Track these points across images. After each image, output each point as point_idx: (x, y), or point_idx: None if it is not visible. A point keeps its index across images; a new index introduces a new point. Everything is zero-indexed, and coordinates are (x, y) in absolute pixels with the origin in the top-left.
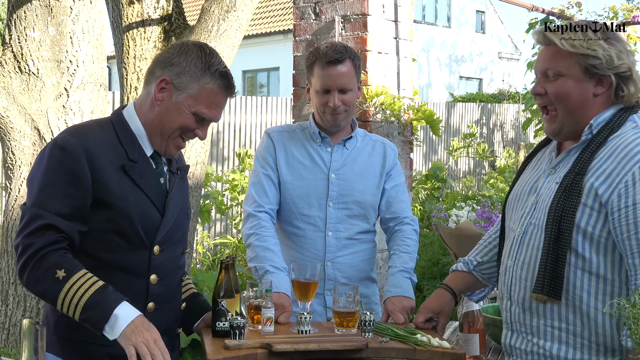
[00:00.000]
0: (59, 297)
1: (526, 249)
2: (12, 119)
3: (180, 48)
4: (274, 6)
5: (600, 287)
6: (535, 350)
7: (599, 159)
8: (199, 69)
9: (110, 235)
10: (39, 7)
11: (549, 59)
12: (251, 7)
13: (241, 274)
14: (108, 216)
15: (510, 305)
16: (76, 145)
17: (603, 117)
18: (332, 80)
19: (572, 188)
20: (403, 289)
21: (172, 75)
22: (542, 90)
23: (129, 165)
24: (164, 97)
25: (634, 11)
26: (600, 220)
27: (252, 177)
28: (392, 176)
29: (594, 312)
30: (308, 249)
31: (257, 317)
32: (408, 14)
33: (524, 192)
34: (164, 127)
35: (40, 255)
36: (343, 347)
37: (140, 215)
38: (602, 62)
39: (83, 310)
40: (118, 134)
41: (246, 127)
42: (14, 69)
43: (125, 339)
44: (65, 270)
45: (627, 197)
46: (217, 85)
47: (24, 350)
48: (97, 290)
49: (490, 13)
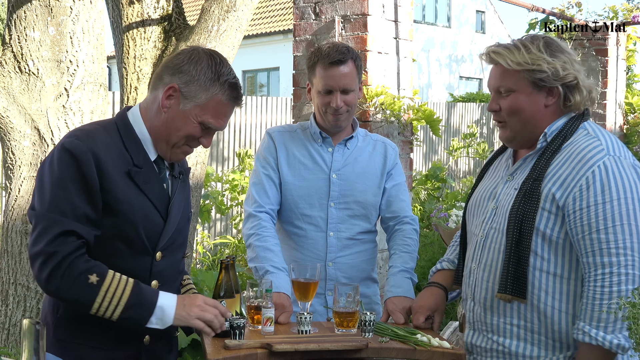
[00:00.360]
0: (96, 302)
1: (488, 251)
2: (12, 119)
3: (190, 55)
4: (274, 6)
5: (558, 286)
6: (495, 347)
7: (554, 165)
8: (209, 79)
9: (113, 241)
10: (39, 7)
11: (499, 77)
12: (251, 7)
13: (241, 274)
14: (113, 222)
15: (473, 306)
16: (85, 149)
17: (556, 126)
18: (334, 81)
19: (531, 194)
20: (404, 289)
21: (181, 84)
22: (497, 107)
23: (134, 170)
24: (171, 104)
25: (634, 11)
26: (558, 223)
27: (253, 177)
28: (393, 175)
29: (551, 310)
30: (309, 249)
31: (257, 317)
32: (408, 14)
33: (484, 198)
34: (170, 135)
35: (69, 263)
36: (343, 347)
37: (144, 222)
38: (549, 75)
39: (124, 310)
40: (123, 138)
41: (246, 127)
42: (14, 69)
43: (182, 321)
44: (97, 274)
45: (582, 200)
46: (226, 97)
47: (24, 350)
48: (134, 289)
49: (490, 13)
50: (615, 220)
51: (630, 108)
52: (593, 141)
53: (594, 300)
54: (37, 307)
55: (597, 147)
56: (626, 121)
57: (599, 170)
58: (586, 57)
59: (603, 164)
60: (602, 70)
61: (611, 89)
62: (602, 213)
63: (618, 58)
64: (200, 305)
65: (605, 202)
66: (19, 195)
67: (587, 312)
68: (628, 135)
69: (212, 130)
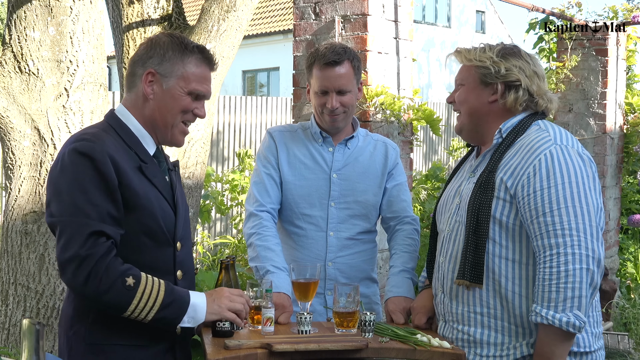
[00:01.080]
0: (132, 304)
1: (452, 243)
2: (12, 119)
3: (150, 42)
4: (274, 6)
5: (517, 272)
6: (460, 337)
7: (507, 157)
8: (177, 51)
9: (138, 237)
10: (39, 7)
11: (458, 73)
12: (251, 7)
13: (241, 274)
14: (135, 217)
15: (443, 298)
16: (100, 149)
17: (511, 123)
18: (329, 81)
19: (486, 184)
20: (404, 289)
21: (155, 66)
22: (452, 99)
23: (144, 166)
24: (155, 88)
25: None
26: (513, 211)
27: (254, 176)
28: (394, 175)
29: (512, 295)
30: (309, 248)
31: (257, 317)
32: (408, 14)
33: (450, 196)
34: (166, 117)
35: (106, 266)
36: (343, 347)
37: (162, 214)
38: (492, 72)
39: (159, 311)
40: (123, 137)
41: (246, 127)
42: (14, 69)
43: (215, 315)
44: (133, 276)
45: (529, 186)
46: (200, 60)
47: (24, 350)
48: (167, 289)
49: (491, 13)
50: (560, 203)
51: (630, 108)
52: (542, 133)
53: (544, 282)
54: (37, 307)
55: (545, 138)
56: (626, 121)
57: (544, 157)
58: (586, 57)
59: (549, 152)
60: (602, 70)
61: (611, 89)
62: (547, 197)
63: (618, 58)
64: (229, 296)
65: (550, 187)
66: (19, 195)
67: (539, 294)
68: (628, 135)
69: (201, 98)
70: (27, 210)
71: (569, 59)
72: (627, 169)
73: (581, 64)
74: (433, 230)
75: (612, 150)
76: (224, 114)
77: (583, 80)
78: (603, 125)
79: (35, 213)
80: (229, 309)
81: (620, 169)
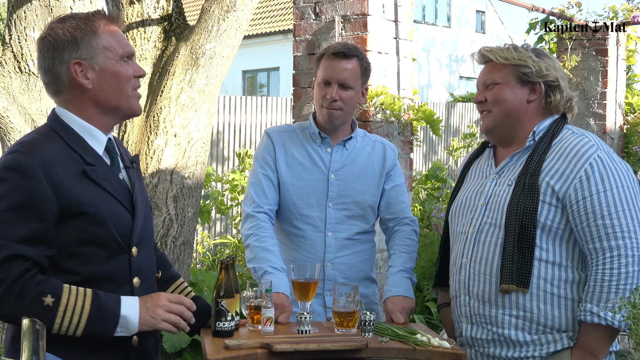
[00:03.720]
0: (55, 323)
1: (483, 245)
2: (12, 119)
3: (48, 39)
4: (274, 6)
5: (557, 274)
6: (495, 338)
7: (549, 160)
8: (81, 28)
9: (86, 247)
10: (39, 7)
11: (488, 72)
12: (251, 7)
13: (241, 274)
14: (80, 227)
15: (468, 300)
16: (30, 163)
17: (543, 126)
18: (334, 72)
19: (530, 188)
20: (403, 289)
21: (75, 55)
22: (482, 98)
23: (89, 169)
24: (90, 75)
25: (634, 11)
26: (559, 214)
27: (252, 177)
28: (392, 177)
29: (550, 297)
30: (308, 249)
31: (257, 317)
32: (408, 14)
33: (470, 198)
34: (117, 94)
35: (19, 288)
36: (343, 347)
37: (113, 219)
38: (533, 71)
39: (87, 327)
40: (66, 140)
41: (246, 127)
42: (14, 69)
43: (148, 326)
44: (52, 294)
45: (583, 190)
46: (106, 22)
47: (24, 350)
48: (93, 303)
49: (491, 13)
50: (617, 206)
51: (630, 108)
52: (582, 138)
53: (603, 282)
54: None
55: (588, 143)
56: (626, 121)
57: (595, 162)
58: (586, 57)
59: (598, 156)
60: (602, 70)
61: (611, 89)
62: (604, 200)
63: (618, 58)
64: (165, 304)
65: (606, 190)
66: None
67: (594, 294)
68: (628, 135)
69: (132, 58)
70: None
71: (569, 59)
72: None
73: (581, 64)
74: (446, 233)
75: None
76: (224, 114)
77: (583, 80)
78: (603, 125)
79: None
80: (163, 320)
81: None
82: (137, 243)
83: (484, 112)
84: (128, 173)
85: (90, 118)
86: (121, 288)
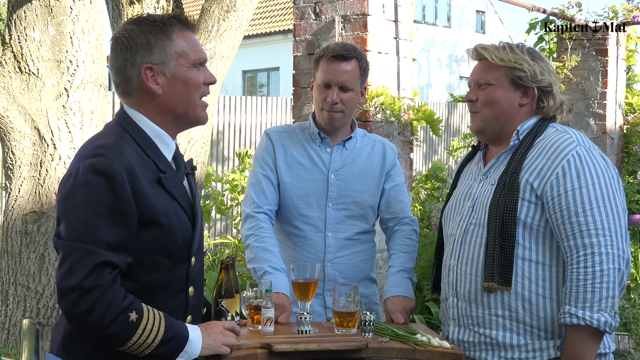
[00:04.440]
0: (132, 339)
1: (468, 246)
2: (12, 119)
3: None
4: (274, 6)
5: (540, 273)
6: (482, 340)
7: (529, 158)
8: (158, 33)
9: (154, 256)
10: (39, 7)
11: (481, 71)
12: (251, 7)
13: (241, 274)
14: (153, 236)
15: (457, 302)
16: (117, 168)
17: (528, 125)
18: (334, 75)
19: (510, 186)
20: (403, 289)
21: (147, 59)
22: (474, 97)
23: (163, 177)
24: (160, 81)
25: (634, 11)
26: (538, 212)
27: (251, 177)
28: (392, 176)
29: (535, 297)
30: (308, 249)
31: (257, 317)
32: (408, 14)
33: (459, 200)
34: (185, 101)
35: (110, 299)
36: (343, 347)
37: (180, 229)
38: (527, 75)
39: (158, 347)
40: (140, 144)
41: (246, 127)
42: (14, 69)
43: (210, 350)
44: (136, 311)
45: (559, 187)
46: (181, 28)
47: (24, 350)
48: (166, 325)
49: (491, 13)
50: (592, 203)
51: (630, 108)
52: (563, 135)
53: (578, 282)
54: (37, 307)
55: (569, 139)
56: (626, 121)
57: (573, 158)
58: (586, 57)
59: (576, 152)
60: (602, 70)
61: (611, 89)
62: (579, 197)
63: (618, 58)
64: (223, 331)
65: (582, 187)
66: (19, 195)
67: (572, 295)
68: (628, 135)
69: (204, 65)
70: (27, 210)
71: (569, 59)
72: (627, 169)
73: (581, 64)
74: (440, 237)
75: (612, 150)
76: (224, 114)
77: (583, 80)
78: (603, 125)
79: (35, 213)
80: (224, 344)
81: (620, 169)
82: (196, 252)
83: (474, 112)
84: (189, 180)
85: (160, 123)
86: (177, 297)
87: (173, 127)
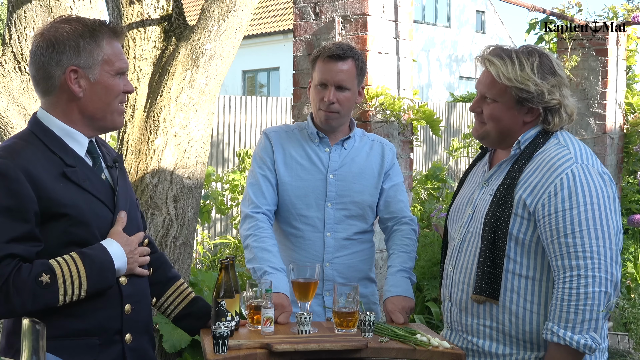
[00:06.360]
0: (60, 295)
1: (464, 254)
2: (12, 119)
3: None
4: (274, 6)
5: (529, 288)
6: (470, 347)
7: (526, 172)
8: (88, 37)
9: (69, 248)
10: (39, 7)
11: (488, 85)
12: (251, 7)
13: (241, 274)
14: (63, 228)
15: (450, 307)
16: (12, 166)
17: (530, 134)
18: (330, 75)
19: (504, 200)
20: (402, 289)
21: (74, 61)
22: (479, 110)
23: (69, 171)
24: (82, 84)
25: (634, 11)
26: (530, 228)
27: (250, 177)
28: (391, 176)
29: (522, 311)
30: (307, 249)
31: (257, 317)
32: (408, 14)
33: (462, 204)
34: (104, 108)
35: (17, 282)
36: (343, 347)
37: (95, 219)
38: (534, 96)
39: (89, 287)
40: (46, 143)
41: (246, 127)
42: (14, 69)
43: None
44: (45, 272)
45: (550, 206)
46: (110, 36)
47: (24, 350)
48: (85, 263)
49: (491, 13)
50: (582, 225)
51: (630, 108)
52: (562, 150)
53: (562, 302)
54: None
55: (566, 156)
56: (626, 121)
57: (566, 177)
58: (586, 57)
59: (571, 171)
60: (602, 70)
61: (611, 89)
62: (569, 218)
63: (618, 58)
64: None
65: (573, 208)
66: None
67: (555, 313)
68: (628, 135)
69: (125, 74)
70: None
71: (569, 59)
72: (627, 169)
73: (581, 64)
74: (446, 237)
75: (612, 150)
76: (224, 114)
77: (583, 80)
78: (603, 125)
79: None
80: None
81: (620, 169)
82: None
83: (479, 122)
84: (111, 173)
85: (73, 123)
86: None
87: (88, 129)
